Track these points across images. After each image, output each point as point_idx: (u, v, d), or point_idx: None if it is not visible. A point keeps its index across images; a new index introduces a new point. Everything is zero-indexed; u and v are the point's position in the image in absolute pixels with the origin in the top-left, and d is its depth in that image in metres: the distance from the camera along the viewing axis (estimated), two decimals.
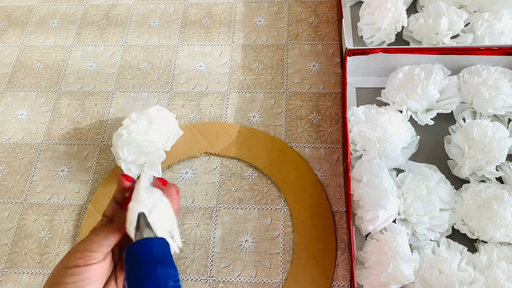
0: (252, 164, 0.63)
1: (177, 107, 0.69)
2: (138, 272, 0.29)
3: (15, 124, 0.70)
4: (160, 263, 0.30)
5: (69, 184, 0.64)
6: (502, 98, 0.58)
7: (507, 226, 0.51)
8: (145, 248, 0.30)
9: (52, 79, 0.74)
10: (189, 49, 0.75)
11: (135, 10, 0.81)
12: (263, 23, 0.77)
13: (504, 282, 0.48)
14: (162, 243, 0.31)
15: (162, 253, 0.30)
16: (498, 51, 0.61)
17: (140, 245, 0.30)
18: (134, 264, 0.30)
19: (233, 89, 0.71)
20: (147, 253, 0.30)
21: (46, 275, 0.58)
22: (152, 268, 0.29)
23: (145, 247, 0.30)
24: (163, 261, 0.30)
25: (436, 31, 0.64)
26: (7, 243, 0.60)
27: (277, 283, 0.56)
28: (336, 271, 0.56)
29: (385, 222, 0.52)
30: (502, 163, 0.56)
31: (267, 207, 0.60)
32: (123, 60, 0.75)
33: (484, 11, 0.67)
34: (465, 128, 0.58)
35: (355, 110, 0.61)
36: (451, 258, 0.49)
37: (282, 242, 0.58)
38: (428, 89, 0.59)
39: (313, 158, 0.63)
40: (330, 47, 0.73)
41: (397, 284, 0.49)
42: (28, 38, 0.79)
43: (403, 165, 0.58)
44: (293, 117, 0.67)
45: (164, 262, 0.30)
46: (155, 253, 0.30)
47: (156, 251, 0.30)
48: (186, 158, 0.64)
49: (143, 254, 0.30)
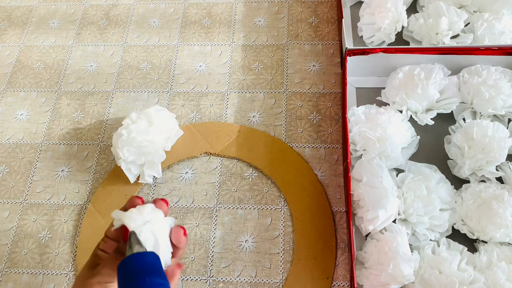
0: (252, 164, 0.63)
1: (177, 107, 0.69)
2: (129, 284, 0.31)
3: (15, 124, 0.70)
4: (149, 274, 0.31)
5: (69, 184, 0.64)
6: (502, 98, 0.58)
7: (507, 226, 0.51)
8: (135, 262, 0.32)
9: (52, 79, 0.74)
10: (189, 49, 0.75)
11: (135, 10, 0.81)
12: (263, 23, 0.77)
13: (504, 282, 0.48)
14: (151, 256, 0.33)
15: (152, 265, 0.32)
16: (498, 51, 0.61)
17: (130, 260, 0.32)
18: (126, 277, 0.31)
19: (233, 89, 0.71)
20: (137, 266, 0.32)
21: (46, 275, 0.58)
22: (141, 280, 0.31)
23: (135, 261, 0.32)
24: (152, 272, 0.31)
25: (436, 31, 0.64)
26: (7, 243, 0.60)
27: (277, 283, 0.56)
28: (336, 271, 0.56)
29: (385, 222, 0.52)
30: (502, 163, 0.56)
31: (267, 207, 0.60)
32: (123, 60, 0.75)
33: (484, 11, 0.67)
34: (465, 128, 0.58)
35: (355, 110, 0.61)
36: (451, 258, 0.49)
37: (282, 242, 0.58)
38: (428, 89, 0.59)
39: (313, 158, 0.63)
40: (330, 47, 0.73)
41: (397, 284, 0.49)
42: (28, 38, 0.79)
43: (403, 165, 0.58)
44: (293, 117, 0.67)
45: (153, 273, 0.31)
46: (144, 265, 0.32)
47: (146, 264, 0.32)
48: (186, 158, 0.64)
49: (133, 267, 0.32)
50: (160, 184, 0.63)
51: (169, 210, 0.61)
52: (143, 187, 0.63)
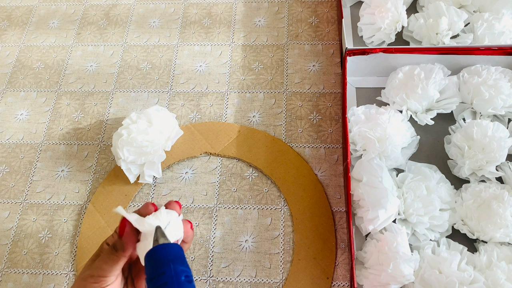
0: (252, 164, 0.63)
1: (177, 107, 0.69)
2: (155, 270, 0.34)
3: (15, 124, 0.70)
4: (173, 262, 0.34)
5: (69, 184, 0.64)
6: (502, 98, 0.58)
7: (507, 226, 0.51)
8: (161, 251, 0.35)
9: (52, 79, 0.74)
10: (189, 49, 0.75)
11: (135, 10, 0.81)
12: (263, 23, 0.77)
13: (504, 282, 0.48)
14: (176, 247, 0.36)
15: (175, 254, 0.35)
16: (498, 51, 0.61)
17: (157, 249, 0.35)
18: (152, 265, 0.34)
19: (233, 89, 0.71)
20: (162, 255, 0.34)
21: (46, 275, 0.58)
22: (166, 266, 0.34)
23: (161, 251, 0.35)
24: (176, 260, 0.34)
25: (436, 31, 0.64)
26: (7, 243, 0.60)
27: (277, 283, 0.56)
28: (336, 271, 0.56)
29: (385, 222, 0.52)
30: (502, 163, 0.56)
31: (267, 207, 0.60)
32: (123, 60, 0.75)
33: (484, 11, 0.67)
34: (465, 128, 0.58)
35: (355, 110, 0.61)
36: (451, 258, 0.49)
37: (282, 242, 0.58)
38: (428, 89, 0.59)
39: (313, 158, 0.63)
40: (330, 47, 0.73)
41: (397, 284, 0.49)
42: (28, 38, 0.80)
43: (403, 165, 0.58)
44: (293, 117, 0.67)
45: (177, 261, 0.34)
46: (169, 254, 0.35)
47: (170, 253, 0.35)
48: (186, 158, 0.64)
49: (159, 256, 0.34)
50: (160, 184, 0.63)
51: None
52: (143, 187, 0.63)
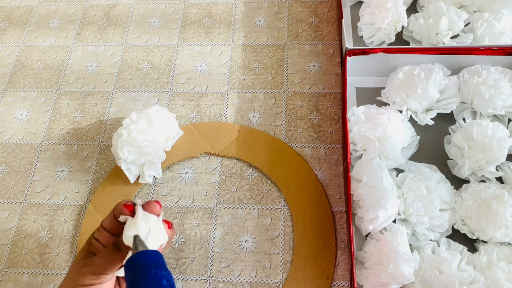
0: (252, 164, 0.63)
1: (177, 107, 0.69)
2: (136, 276, 0.34)
3: (15, 124, 0.70)
4: (153, 267, 0.34)
5: (69, 184, 0.64)
6: (502, 98, 0.58)
7: (507, 226, 0.51)
8: (141, 257, 0.35)
9: (52, 79, 0.74)
10: (189, 49, 0.75)
11: (135, 10, 0.81)
12: (263, 23, 0.77)
13: (504, 282, 0.48)
14: (155, 253, 0.36)
15: (156, 260, 0.35)
16: (498, 51, 0.61)
17: (136, 256, 0.35)
18: (132, 271, 0.34)
19: (233, 89, 0.71)
20: (142, 261, 0.35)
21: (46, 275, 0.58)
22: (147, 272, 0.34)
23: (140, 257, 0.35)
24: (157, 265, 0.34)
25: (436, 31, 0.64)
26: (7, 243, 0.60)
27: (277, 283, 0.56)
28: (336, 271, 0.56)
29: (385, 222, 0.52)
30: (502, 163, 0.56)
31: (267, 207, 0.60)
32: (123, 60, 0.75)
33: (484, 11, 0.67)
34: (465, 128, 0.58)
35: (355, 110, 0.61)
36: (451, 258, 0.49)
37: (282, 242, 0.58)
38: (428, 89, 0.59)
39: (313, 158, 0.63)
40: (330, 47, 0.73)
41: (397, 284, 0.49)
42: (28, 38, 0.80)
43: (403, 165, 0.58)
44: (293, 117, 0.67)
45: (157, 266, 0.34)
46: (149, 260, 0.35)
47: (150, 259, 0.35)
48: (186, 158, 0.64)
49: (139, 262, 0.35)
50: (160, 184, 0.63)
51: (169, 210, 0.61)
52: (143, 187, 0.63)
